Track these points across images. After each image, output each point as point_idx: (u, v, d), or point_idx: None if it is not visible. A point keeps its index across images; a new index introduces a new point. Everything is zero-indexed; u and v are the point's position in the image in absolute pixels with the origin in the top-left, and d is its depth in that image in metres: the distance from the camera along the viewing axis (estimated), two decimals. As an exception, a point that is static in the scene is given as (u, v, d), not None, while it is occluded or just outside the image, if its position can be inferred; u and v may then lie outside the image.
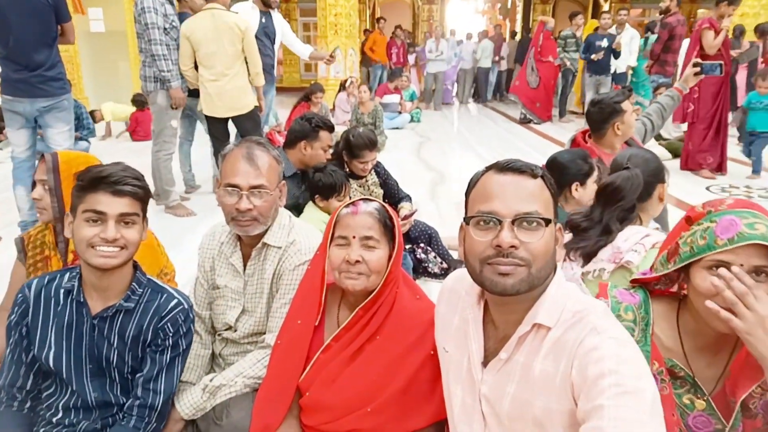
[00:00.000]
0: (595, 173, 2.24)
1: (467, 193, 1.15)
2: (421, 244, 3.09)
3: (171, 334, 1.45)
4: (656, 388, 0.94)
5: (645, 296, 1.23)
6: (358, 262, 1.36)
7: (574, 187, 2.21)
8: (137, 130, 7.64)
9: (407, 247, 3.06)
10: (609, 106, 2.59)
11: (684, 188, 5.00)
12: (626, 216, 1.76)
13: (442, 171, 5.93)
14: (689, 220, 1.14)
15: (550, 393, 1.03)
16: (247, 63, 4.19)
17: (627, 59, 8.34)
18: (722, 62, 2.88)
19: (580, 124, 8.53)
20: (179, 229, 3.95)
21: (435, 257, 3.07)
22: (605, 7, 15.14)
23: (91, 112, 7.42)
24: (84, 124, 6.37)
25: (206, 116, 4.32)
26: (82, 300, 1.42)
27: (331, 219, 1.44)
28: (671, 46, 5.70)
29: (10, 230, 3.54)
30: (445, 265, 3.08)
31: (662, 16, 6.15)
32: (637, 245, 1.66)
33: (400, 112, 8.88)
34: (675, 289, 1.25)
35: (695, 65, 2.80)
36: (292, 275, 1.62)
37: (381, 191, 3.18)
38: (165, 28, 4.03)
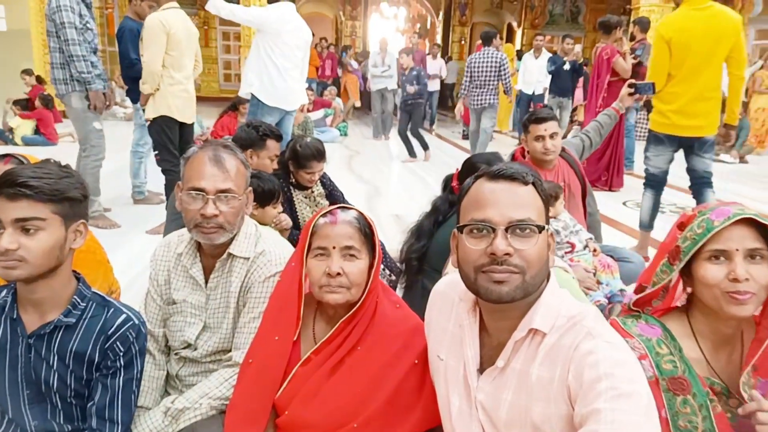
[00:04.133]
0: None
1: (458, 202, 1.15)
2: (370, 256, 3.05)
3: (122, 354, 1.31)
4: (650, 389, 0.96)
5: (656, 321, 1.22)
6: (339, 274, 1.30)
7: None
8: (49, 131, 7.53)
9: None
10: (524, 126, 2.76)
11: (602, 202, 5.32)
12: None
13: (376, 184, 5.94)
14: (682, 225, 1.20)
15: (548, 399, 1.03)
16: None
17: (543, 81, 8.80)
18: (654, 82, 3.12)
19: (505, 140, 8.91)
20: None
21: (383, 269, 3.04)
22: (518, 32, 16.08)
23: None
24: None
25: (170, 122, 3.97)
26: (15, 317, 1.25)
27: (306, 229, 1.37)
28: (639, 71, 5.59)
29: None
30: (393, 278, 3.06)
31: (631, 42, 6.00)
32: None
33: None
34: (672, 302, 1.26)
35: (630, 86, 3.01)
36: (263, 287, 1.52)
37: (327, 203, 3.11)
38: (79, 29, 3.78)
